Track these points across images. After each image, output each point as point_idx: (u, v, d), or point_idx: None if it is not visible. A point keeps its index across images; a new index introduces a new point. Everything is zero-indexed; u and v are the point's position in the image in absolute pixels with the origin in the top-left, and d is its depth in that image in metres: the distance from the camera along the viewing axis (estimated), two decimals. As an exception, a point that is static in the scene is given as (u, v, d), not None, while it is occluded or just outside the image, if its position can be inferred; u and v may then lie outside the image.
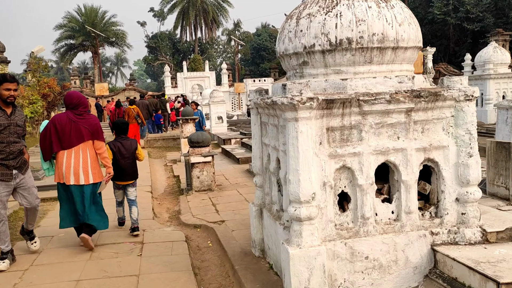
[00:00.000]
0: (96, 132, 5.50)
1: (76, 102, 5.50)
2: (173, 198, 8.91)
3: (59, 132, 5.29)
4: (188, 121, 12.88)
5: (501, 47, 18.34)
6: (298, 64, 4.14)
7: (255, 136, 4.98)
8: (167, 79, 37.64)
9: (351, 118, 3.73)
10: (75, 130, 5.32)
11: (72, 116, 5.38)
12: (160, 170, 12.27)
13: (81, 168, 5.32)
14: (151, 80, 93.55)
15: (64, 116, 5.42)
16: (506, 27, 28.87)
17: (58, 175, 5.39)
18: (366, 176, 3.77)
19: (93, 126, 5.47)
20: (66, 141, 5.31)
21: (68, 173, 5.29)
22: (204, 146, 8.88)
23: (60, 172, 5.35)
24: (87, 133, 5.39)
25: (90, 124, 5.46)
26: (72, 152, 5.33)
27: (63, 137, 5.30)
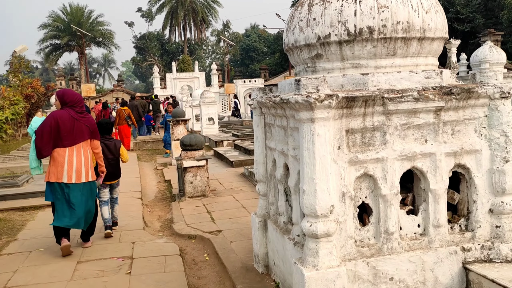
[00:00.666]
0: (95, 131, 5.59)
1: (77, 99, 5.49)
2: (164, 204, 8.37)
3: (62, 129, 5.23)
4: (179, 122, 12.33)
5: (497, 46, 18.10)
6: (310, 58, 3.64)
7: (258, 139, 4.48)
8: (156, 80, 36.96)
9: (373, 119, 3.25)
10: (78, 128, 5.34)
11: (74, 114, 5.36)
12: (150, 174, 11.70)
13: (83, 166, 5.35)
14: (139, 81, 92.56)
15: (65, 114, 5.34)
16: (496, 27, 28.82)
17: (56, 174, 5.23)
18: (391, 185, 3.29)
19: (93, 125, 5.56)
20: (69, 138, 5.28)
21: (71, 171, 5.25)
22: (197, 149, 8.36)
23: (59, 171, 5.23)
24: (88, 132, 5.45)
25: (91, 123, 5.54)
26: (73, 150, 5.32)
27: (65, 134, 5.25)
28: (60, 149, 5.23)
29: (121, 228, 6.37)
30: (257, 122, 4.45)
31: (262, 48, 68.43)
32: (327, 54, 3.53)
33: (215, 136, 17.45)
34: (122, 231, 6.22)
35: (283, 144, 3.84)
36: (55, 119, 5.22)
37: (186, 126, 12.73)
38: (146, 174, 11.50)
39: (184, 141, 8.29)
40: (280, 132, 3.92)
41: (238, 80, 39.54)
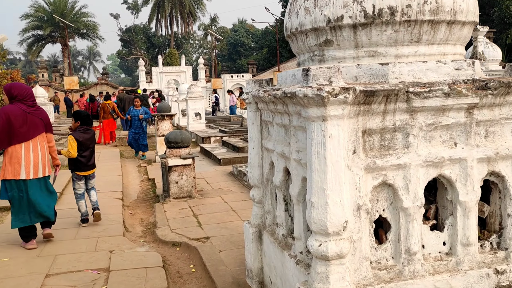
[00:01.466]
0: (49, 125, 5.49)
1: (26, 93, 5.28)
2: (147, 206, 7.76)
3: (14, 124, 5.04)
4: (164, 117, 11.70)
5: (492, 42, 17.76)
6: (318, 44, 3.09)
7: (252, 138, 3.93)
8: (141, 74, 36.12)
9: (395, 117, 2.71)
10: (32, 122, 5.18)
11: (26, 108, 5.18)
12: (133, 171, 11.07)
13: (40, 160, 5.24)
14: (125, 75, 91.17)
15: (16, 108, 5.12)
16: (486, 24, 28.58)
17: (13, 171, 5.08)
18: (414, 197, 2.77)
19: (46, 118, 5.44)
20: (23, 133, 5.12)
21: (28, 167, 5.13)
22: (183, 146, 7.76)
23: (16, 168, 5.08)
24: (42, 125, 5.32)
25: (45, 116, 5.41)
26: (30, 145, 5.18)
27: (19, 129, 5.07)
28: (15, 145, 5.07)
29: (99, 234, 5.76)
30: (252, 119, 3.89)
31: (250, 43, 67.78)
32: (339, 40, 2.98)
33: (202, 132, 16.84)
34: (99, 238, 5.62)
35: (283, 145, 3.29)
36: (6, 115, 5.01)
37: (172, 122, 12.11)
38: (128, 172, 10.87)
39: (169, 138, 7.69)
40: (280, 131, 3.37)
41: (225, 75, 38.90)
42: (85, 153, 6.09)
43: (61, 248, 5.22)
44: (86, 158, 6.10)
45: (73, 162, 6.10)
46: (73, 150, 5.94)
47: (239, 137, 14.34)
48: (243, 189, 8.29)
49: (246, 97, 3.87)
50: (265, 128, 3.78)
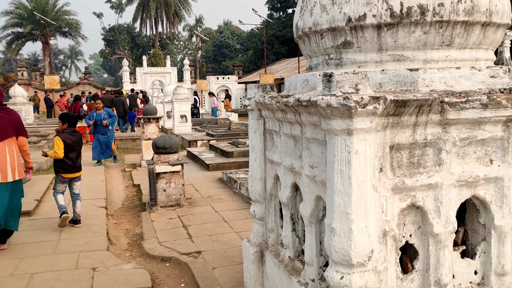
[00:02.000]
0: (21, 128, 5.34)
1: None
2: (133, 215, 7.32)
3: None
4: (150, 120, 11.25)
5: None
6: (335, 46, 2.75)
7: (254, 148, 3.57)
8: (125, 74, 35.42)
9: (426, 131, 2.39)
10: (0, 126, 5.07)
11: None
12: (117, 177, 10.58)
13: (9, 165, 5.11)
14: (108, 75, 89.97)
15: None
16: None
17: None
18: (445, 221, 2.44)
19: (17, 121, 5.30)
20: None
21: None
22: (172, 152, 7.35)
23: None
24: (12, 129, 5.19)
25: (15, 119, 5.28)
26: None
27: None
28: None
29: (80, 248, 5.32)
30: (254, 127, 3.53)
31: (235, 45, 67.48)
32: (360, 42, 2.64)
33: (188, 135, 16.40)
34: (81, 252, 5.17)
35: (292, 158, 2.94)
36: None
37: (158, 124, 11.68)
38: (112, 177, 10.38)
39: (157, 143, 7.27)
40: (289, 142, 3.02)
41: (211, 76, 38.49)
42: (71, 155, 6.07)
43: (38, 265, 4.77)
44: (72, 160, 6.08)
45: (59, 163, 6.06)
46: (59, 150, 5.91)
47: (227, 141, 13.97)
48: (233, 197, 7.92)
49: (248, 103, 3.50)
50: (269, 138, 3.43)
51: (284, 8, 53.26)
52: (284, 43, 46.40)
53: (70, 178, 6.16)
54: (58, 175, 6.13)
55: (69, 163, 6.05)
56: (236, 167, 10.61)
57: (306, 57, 3.16)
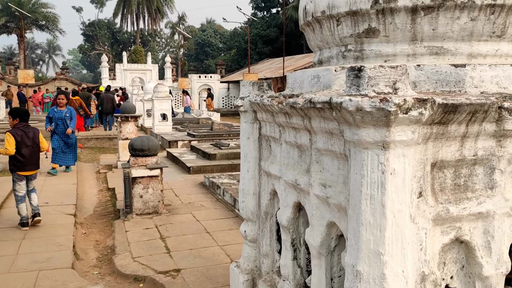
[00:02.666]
0: None
1: None
2: (105, 223, 6.66)
3: None
4: (128, 119, 10.56)
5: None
6: (356, 35, 2.20)
7: (247, 157, 2.99)
8: (104, 70, 34.36)
9: (477, 144, 1.85)
10: None
11: None
12: (91, 179, 9.86)
13: None
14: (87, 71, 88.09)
15: None
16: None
17: None
18: (497, 260, 1.91)
19: None
20: None
21: None
22: (150, 155, 6.71)
23: None
24: None
25: None
26: None
27: None
28: None
29: (41, 265, 4.66)
30: (248, 132, 2.96)
31: (218, 43, 66.77)
32: (388, 29, 2.09)
33: (169, 135, 15.70)
34: (41, 271, 4.51)
35: (296, 172, 2.38)
36: None
37: (136, 123, 10.98)
38: (85, 179, 9.66)
39: (134, 145, 6.62)
40: (292, 152, 2.46)
41: (193, 75, 37.69)
42: (24, 151, 5.79)
43: (-10, 287, 4.11)
44: (24, 156, 5.80)
45: (12, 161, 5.82)
46: (10, 147, 5.58)
47: (210, 142, 13.35)
48: (216, 204, 7.33)
49: (241, 103, 2.93)
50: (266, 146, 2.86)
51: (268, 8, 52.82)
52: (267, 43, 45.92)
53: (26, 175, 5.89)
54: (14, 174, 5.86)
55: (22, 160, 5.76)
56: (219, 171, 10.02)
57: (315, 49, 2.60)
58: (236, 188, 7.55)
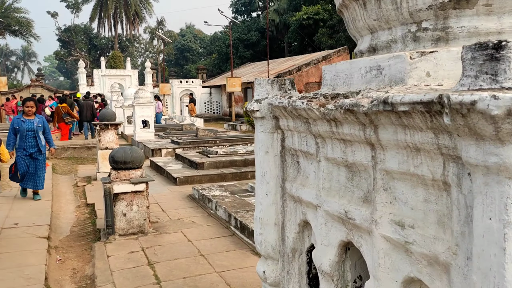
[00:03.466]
0: None
1: None
2: (84, 246, 5.88)
3: None
4: (108, 127, 9.76)
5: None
6: (438, 6, 1.54)
7: (265, 177, 2.32)
8: (81, 76, 33.25)
9: None
10: None
11: None
12: (68, 193, 9.02)
13: None
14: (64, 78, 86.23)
15: None
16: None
17: None
18: None
19: None
20: None
21: None
22: (134, 167, 5.98)
23: None
24: None
25: None
26: None
27: None
28: None
29: (6, 306, 3.89)
30: (266, 145, 2.28)
31: (198, 48, 66.08)
32: (489, -5, 1.45)
33: (151, 142, 14.90)
34: (5, 314, 3.75)
35: (346, 201, 1.72)
36: None
37: (116, 131, 10.18)
38: (61, 194, 8.82)
39: (116, 157, 5.87)
40: (337, 173, 1.79)
41: (174, 80, 36.85)
42: None
43: None
44: None
45: None
46: None
47: (195, 150, 12.63)
48: (208, 220, 6.62)
49: (257, 107, 2.25)
50: (292, 163, 2.19)
51: (248, 12, 52.36)
52: (248, 47, 45.41)
53: None
54: None
55: None
56: (208, 181, 9.31)
57: (362, 32, 1.94)
58: (230, 201, 6.86)
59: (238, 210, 6.29)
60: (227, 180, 9.41)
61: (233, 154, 10.80)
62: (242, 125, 23.58)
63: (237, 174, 9.63)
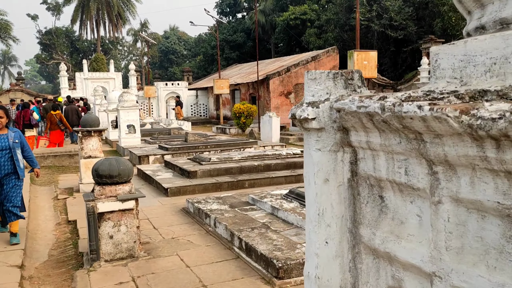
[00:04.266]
0: None
1: None
2: (64, 274, 5.04)
3: None
4: (91, 133, 8.90)
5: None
6: None
7: (324, 215, 1.56)
8: (63, 80, 32.06)
9: None
10: None
11: None
12: (46, 208, 8.14)
13: None
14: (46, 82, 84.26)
15: None
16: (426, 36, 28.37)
17: None
18: None
19: None
20: None
21: None
22: (121, 182, 5.17)
23: None
24: None
25: None
26: None
27: None
28: None
29: None
30: (326, 169, 1.53)
31: (182, 51, 65.08)
32: None
33: (138, 148, 14.02)
34: None
35: (507, 276, 0.97)
36: None
37: (100, 138, 9.32)
38: (39, 209, 7.94)
39: (100, 171, 5.05)
40: (480, 225, 1.05)
41: (159, 82, 35.88)
42: None
43: None
44: None
45: None
46: None
47: (186, 156, 11.84)
48: (207, 238, 5.84)
49: (313, 114, 1.50)
50: (371, 198, 1.45)
51: (233, 13, 51.61)
52: (234, 48, 44.67)
53: None
54: None
55: None
56: (202, 191, 8.53)
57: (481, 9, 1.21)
58: (230, 216, 6.09)
59: (241, 228, 5.52)
60: (223, 190, 8.64)
61: (227, 161, 10.02)
62: (232, 128, 22.80)
63: (233, 183, 8.86)
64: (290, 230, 5.38)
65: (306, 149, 1.62)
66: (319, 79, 1.54)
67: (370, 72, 14.44)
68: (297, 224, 5.52)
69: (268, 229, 5.47)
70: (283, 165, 9.89)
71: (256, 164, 9.68)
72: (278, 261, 4.38)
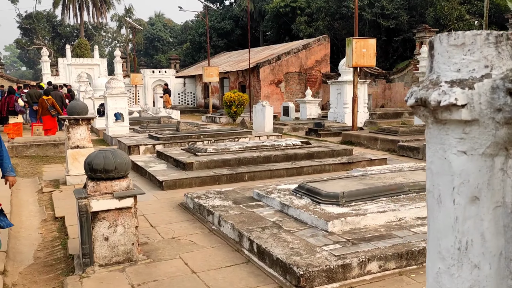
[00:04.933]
0: None
1: None
2: (52, 282, 4.46)
3: None
4: (78, 122, 8.24)
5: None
6: None
7: (469, 252, 1.03)
8: (45, 65, 30.91)
9: None
10: None
11: None
12: (31, 202, 7.50)
13: None
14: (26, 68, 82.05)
15: None
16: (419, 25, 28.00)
17: None
18: None
19: None
20: None
21: None
22: (118, 177, 4.59)
23: None
24: None
25: None
26: None
27: None
28: None
29: None
30: (475, 182, 1.00)
31: (168, 38, 63.82)
32: None
33: (127, 138, 13.35)
34: None
35: None
36: None
37: (89, 127, 8.66)
38: (22, 204, 7.30)
39: (94, 164, 4.46)
40: None
41: (146, 70, 34.96)
42: None
43: None
44: None
45: None
46: None
47: (178, 146, 11.26)
48: (211, 238, 5.31)
49: (463, 99, 0.97)
50: None
51: (221, 0, 50.58)
52: (222, 36, 43.79)
53: None
54: None
55: None
56: (199, 184, 7.99)
57: None
58: (236, 214, 5.57)
59: (250, 228, 5.01)
60: (221, 183, 8.11)
61: (224, 152, 9.47)
62: (222, 117, 22.18)
63: (232, 175, 8.33)
64: (305, 231, 4.87)
65: (435, 150, 1.09)
66: (471, 44, 1.01)
67: (369, 60, 13.95)
68: (311, 224, 5.02)
69: (281, 229, 4.96)
70: (283, 156, 9.39)
71: (255, 156, 9.15)
72: (298, 268, 3.88)
